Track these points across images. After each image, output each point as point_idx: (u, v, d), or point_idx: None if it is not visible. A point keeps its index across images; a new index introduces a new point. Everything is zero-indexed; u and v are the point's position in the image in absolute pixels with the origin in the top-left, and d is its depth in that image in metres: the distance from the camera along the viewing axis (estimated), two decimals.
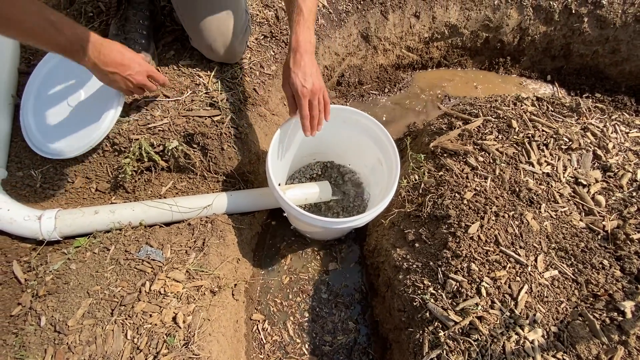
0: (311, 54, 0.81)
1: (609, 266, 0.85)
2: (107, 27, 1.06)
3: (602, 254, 0.87)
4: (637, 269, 0.83)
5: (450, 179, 0.94)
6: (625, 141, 1.10)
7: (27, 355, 0.65)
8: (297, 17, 0.79)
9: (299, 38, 0.79)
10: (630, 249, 0.87)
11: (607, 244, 0.89)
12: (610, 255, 0.87)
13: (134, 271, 0.75)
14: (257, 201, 1.03)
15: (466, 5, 1.52)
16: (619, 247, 0.88)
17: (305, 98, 0.80)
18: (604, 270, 0.84)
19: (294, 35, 0.79)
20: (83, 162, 0.95)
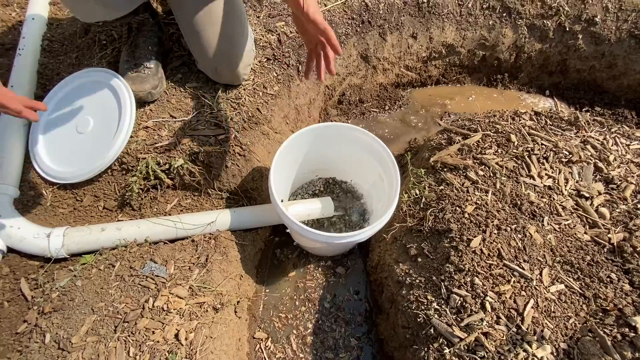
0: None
1: (617, 280, 0.83)
2: (119, 54, 1.12)
3: (609, 268, 0.85)
4: None
5: (450, 193, 0.95)
6: (627, 153, 1.11)
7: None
8: None
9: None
10: (639, 262, 0.86)
11: (614, 257, 0.88)
12: (618, 269, 0.86)
13: (138, 287, 0.76)
14: (260, 217, 1.04)
15: (462, 26, 1.57)
16: (627, 260, 0.87)
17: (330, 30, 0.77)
18: (612, 284, 0.83)
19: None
20: (92, 181, 0.98)
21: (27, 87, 1.13)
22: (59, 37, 1.29)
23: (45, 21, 1.33)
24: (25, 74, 1.14)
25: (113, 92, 1.01)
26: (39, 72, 1.18)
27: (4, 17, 1.39)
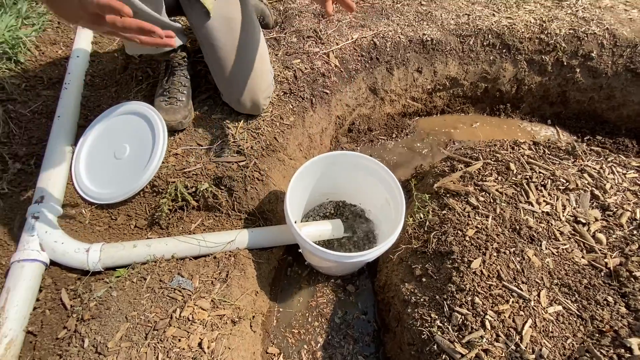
0: None
1: (613, 303, 0.88)
2: (154, 88, 1.26)
3: (606, 291, 0.90)
4: None
5: (453, 217, 1.02)
6: (623, 182, 1.16)
7: None
8: None
9: None
10: (635, 286, 0.90)
11: (611, 280, 0.93)
12: (614, 292, 0.90)
13: (167, 299, 0.84)
14: (275, 237, 1.12)
15: (464, 61, 1.69)
16: (623, 284, 0.91)
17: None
18: (609, 306, 0.87)
19: None
20: (126, 202, 1.09)
21: (71, 117, 1.27)
22: (100, 72, 1.45)
23: (88, 58, 1.49)
24: (70, 106, 1.29)
25: (148, 122, 1.14)
26: (82, 104, 1.33)
27: (51, 54, 1.56)
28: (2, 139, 1.21)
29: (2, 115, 1.25)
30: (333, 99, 1.46)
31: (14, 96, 1.33)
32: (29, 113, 1.31)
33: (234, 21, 1.08)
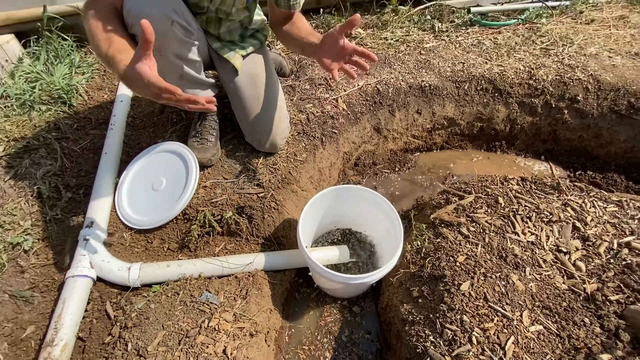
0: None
1: (589, 323, 0.98)
2: (187, 129, 1.48)
3: (583, 313, 1.00)
4: (614, 326, 0.96)
5: (445, 245, 1.15)
6: (604, 215, 1.28)
7: None
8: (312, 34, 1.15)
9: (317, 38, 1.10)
10: (609, 309, 1.00)
11: (588, 304, 1.03)
12: (591, 314, 1.00)
13: (197, 311, 0.98)
14: (288, 260, 1.27)
15: (460, 103, 1.87)
16: (599, 307, 1.01)
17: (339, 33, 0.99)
18: (585, 327, 0.97)
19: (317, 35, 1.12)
20: (160, 228, 1.26)
21: (116, 153, 1.48)
22: (140, 115, 1.69)
23: (130, 102, 1.74)
24: (115, 144, 1.50)
25: (182, 159, 1.33)
26: (125, 142, 1.55)
27: (98, 98, 1.82)
28: (57, 172, 1.42)
29: (58, 152, 1.47)
30: (341, 138, 1.65)
31: (67, 135, 1.56)
32: (79, 149, 1.53)
33: (258, 77, 1.30)
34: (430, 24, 2.22)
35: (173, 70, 1.13)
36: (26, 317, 1.06)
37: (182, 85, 1.22)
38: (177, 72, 1.15)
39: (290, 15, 1.24)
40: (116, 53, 0.84)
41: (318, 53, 1.05)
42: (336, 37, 0.99)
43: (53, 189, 1.32)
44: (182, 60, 1.11)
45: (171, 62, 1.10)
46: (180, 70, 1.13)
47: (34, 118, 1.54)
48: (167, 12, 0.97)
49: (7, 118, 1.53)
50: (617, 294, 1.04)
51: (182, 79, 1.18)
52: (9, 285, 1.09)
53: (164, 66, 1.12)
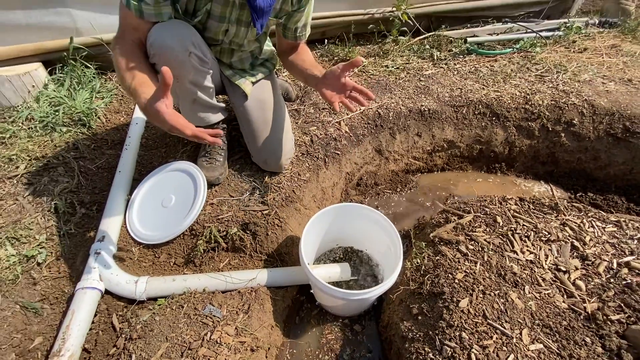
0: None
1: (591, 343, 0.97)
2: (197, 150, 1.56)
3: (584, 332, 1.00)
4: (616, 346, 0.95)
5: (445, 262, 1.17)
6: (603, 234, 1.30)
7: None
8: (315, 67, 1.25)
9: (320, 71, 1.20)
10: (611, 329, 1.00)
11: (589, 323, 1.03)
12: (592, 334, 1.00)
13: (200, 324, 1.01)
14: (290, 277, 1.29)
15: (459, 127, 1.94)
16: (600, 326, 1.01)
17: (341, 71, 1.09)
18: (587, 346, 0.97)
19: (319, 68, 1.23)
20: (167, 243, 1.30)
21: (129, 172, 1.55)
22: (153, 136, 1.78)
23: (144, 125, 1.84)
24: (128, 163, 1.58)
25: (191, 178, 1.40)
26: (138, 161, 1.63)
27: (115, 121, 1.93)
28: (73, 189, 1.49)
29: (75, 170, 1.55)
30: (343, 159, 1.71)
31: (85, 154, 1.65)
32: (94, 168, 1.61)
33: (266, 102, 1.39)
34: (429, 53, 2.34)
35: (188, 95, 1.22)
36: (35, 328, 1.10)
37: (195, 109, 1.31)
38: (191, 97, 1.24)
39: (295, 46, 1.35)
40: (138, 86, 0.95)
41: (320, 85, 1.15)
42: (339, 74, 1.09)
43: (68, 204, 1.39)
44: (197, 86, 1.21)
45: (187, 88, 1.20)
46: (194, 95, 1.22)
47: (55, 139, 1.64)
48: (185, 44, 1.07)
49: (30, 138, 1.63)
50: (618, 314, 1.04)
51: (195, 103, 1.27)
52: (21, 296, 1.13)
53: (180, 91, 1.21)
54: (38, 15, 1.84)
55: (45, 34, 1.90)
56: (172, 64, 1.07)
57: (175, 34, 1.05)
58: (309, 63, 1.30)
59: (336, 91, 1.12)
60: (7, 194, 1.39)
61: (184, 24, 1.09)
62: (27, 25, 1.85)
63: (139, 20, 1.01)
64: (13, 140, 1.61)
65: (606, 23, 2.80)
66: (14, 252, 1.21)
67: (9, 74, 1.76)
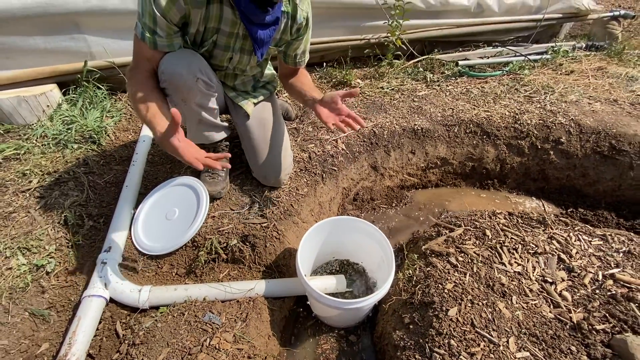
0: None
1: (576, 352, 1.01)
2: None
3: (570, 341, 1.04)
4: (601, 355, 0.99)
5: (435, 273, 1.22)
6: (589, 248, 1.35)
7: None
8: (313, 90, 1.36)
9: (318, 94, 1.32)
10: (596, 338, 1.04)
11: (575, 333, 1.06)
12: (578, 343, 1.04)
13: (200, 330, 1.05)
14: (287, 288, 1.34)
15: (451, 145, 2.03)
16: (586, 336, 1.05)
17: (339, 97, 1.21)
18: (572, 354, 1.00)
19: (315, 94, 1.33)
20: (170, 254, 1.36)
21: (135, 186, 1.63)
22: (159, 153, 1.87)
23: (151, 142, 1.93)
24: (135, 178, 1.66)
25: (194, 192, 1.47)
26: (144, 176, 1.71)
27: (123, 138, 2.02)
28: (82, 202, 1.56)
29: (85, 184, 1.63)
30: (340, 174, 1.78)
31: (94, 170, 1.73)
32: (103, 183, 1.69)
33: (267, 121, 1.48)
34: (422, 75, 2.46)
35: (194, 115, 1.32)
36: (42, 334, 1.14)
37: (201, 128, 1.40)
38: (197, 117, 1.33)
39: (296, 71, 1.46)
40: (152, 118, 1.07)
41: (317, 107, 1.27)
42: (336, 99, 1.22)
43: (77, 217, 1.46)
44: (203, 108, 1.31)
45: (193, 110, 1.29)
46: (199, 116, 1.32)
47: (66, 155, 1.73)
48: (193, 71, 1.18)
49: (43, 155, 1.72)
50: (604, 324, 1.08)
51: (201, 123, 1.36)
52: (30, 304, 1.18)
53: (188, 112, 1.31)
54: (56, 41, 1.98)
55: (61, 58, 2.03)
56: (181, 88, 1.17)
57: (184, 62, 1.15)
58: (307, 86, 1.41)
59: (332, 114, 1.23)
60: (20, 206, 1.46)
61: (192, 53, 1.20)
62: (45, 50, 1.98)
63: (153, 51, 1.11)
64: (27, 156, 1.70)
65: (593, 46, 2.94)
66: (25, 261, 1.27)
67: (26, 94, 1.87)
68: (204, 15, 1.11)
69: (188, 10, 1.06)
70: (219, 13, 1.12)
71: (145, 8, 1.01)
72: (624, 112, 2.05)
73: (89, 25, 1.99)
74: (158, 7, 1.00)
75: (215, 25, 1.15)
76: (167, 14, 1.03)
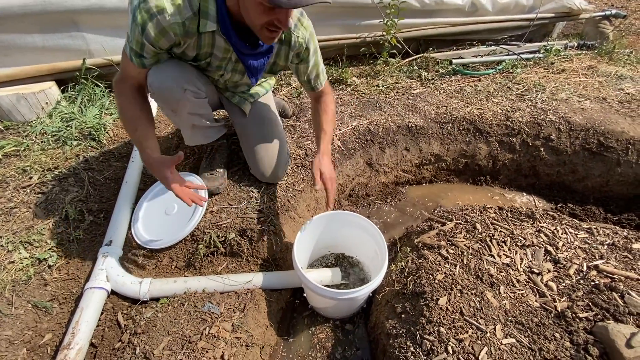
0: (328, 156, 1.34)
1: (560, 338, 1.06)
2: (199, 161, 1.67)
3: (554, 328, 1.09)
4: (583, 341, 1.04)
5: (426, 264, 1.27)
6: (575, 240, 1.40)
7: None
8: (322, 135, 1.36)
9: (322, 148, 1.34)
10: (579, 326, 1.09)
11: (559, 320, 1.11)
12: (562, 330, 1.09)
13: (199, 319, 1.09)
14: (284, 280, 1.38)
15: (444, 142, 2.07)
16: (569, 323, 1.10)
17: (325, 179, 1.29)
18: (556, 341, 1.05)
19: (321, 145, 1.34)
20: (170, 248, 1.40)
21: (134, 182, 1.66)
22: None
23: None
24: (135, 174, 1.69)
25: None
26: (143, 172, 1.73)
27: (122, 135, 2.04)
28: (82, 198, 1.59)
29: (84, 180, 1.66)
30: (336, 171, 1.82)
31: (94, 166, 1.76)
32: (102, 179, 1.72)
33: (263, 119, 1.51)
34: (417, 73, 2.50)
35: (187, 123, 1.35)
36: (45, 325, 1.17)
37: (196, 132, 1.42)
38: (189, 124, 1.36)
39: (318, 96, 1.43)
40: (142, 140, 1.14)
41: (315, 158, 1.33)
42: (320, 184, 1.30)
43: (78, 212, 1.49)
44: (194, 115, 1.33)
45: (185, 119, 1.33)
46: (192, 122, 1.35)
47: (66, 151, 1.76)
48: (180, 83, 1.18)
49: (43, 151, 1.75)
50: (587, 312, 1.13)
51: (195, 127, 1.39)
52: (32, 296, 1.21)
53: (179, 121, 1.35)
54: (54, 39, 1.99)
55: (59, 56, 2.05)
56: (169, 100, 1.20)
57: (170, 75, 1.14)
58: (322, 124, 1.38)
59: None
60: (21, 202, 1.49)
61: (178, 64, 1.17)
62: (43, 47, 2.00)
63: (140, 69, 1.12)
64: (27, 153, 1.73)
65: (584, 46, 3.00)
66: (27, 255, 1.30)
67: (25, 92, 1.89)
68: (195, 43, 1.10)
69: (178, 40, 1.05)
70: (211, 42, 1.12)
71: (134, 36, 1.00)
72: (612, 109, 2.11)
73: (88, 23, 2.01)
74: (147, 38, 0.99)
75: (208, 51, 1.15)
76: (156, 44, 1.02)
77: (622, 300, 1.13)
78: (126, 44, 1.07)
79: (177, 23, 0.98)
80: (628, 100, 2.18)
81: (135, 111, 1.15)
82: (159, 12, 0.94)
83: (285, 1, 0.84)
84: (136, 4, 0.95)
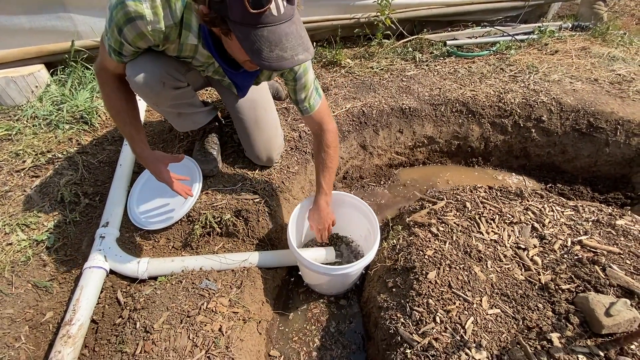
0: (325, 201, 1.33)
1: (542, 308, 1.11)
2: (192, 144, 1.68)
3: (537, 300, 1.14)
4: (565, 311, 1.09)
5: (417, 241, 1.31)
6: (561, 217, 1.44)
7: (125, 347, 1.00)
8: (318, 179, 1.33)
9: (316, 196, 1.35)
10: (561, 297, 1.14)
11: (543, 292, 1.17)
12: (545, 301, 1.14)
13: (197, 295, 1.12)
14: (279, 259, 1.41)
15: (438, 124, 2.09)
16: (552, 295, 1.15)
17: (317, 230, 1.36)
18: (539, 310, 1.10)
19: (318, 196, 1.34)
20: (167, 228, 1.42)
21: (129, 165, 1.66)
22: (151, 133, 1.89)
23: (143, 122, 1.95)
24: (129, 157, 1.69)
25: (188, 170, 1.52)
26: None
27: None
28: (77, 181, 1.60)
29: (78, 164, 1.66)
30: None
31: (87, 150, 1.76)
32: (96, 162, 1.72)
33: (256, 102, 1.51)
34: (411, 55, 2.49)
35: (171, 113, 1.35)
36: (45, 304, 1.20)
37: (183, 118, 1.41)
38: (175, 113, 1.36)
39: (313, 125, 1.30)
40: (134, 133, 1.16)
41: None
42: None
43: (73, 195, 1.50)
44: (177, 106, 1.32)
45: (168, 110, 1.32)
46: (177, 110, 1.34)
47: (58, 135, 1.75)
48: (157, 76, 1.12)
49: (35, 135, 1.74)
50: (569, 284, 1.18)
51: (181, 116, 1.39)
52: (32, 276, 1.24)
53: (164, 113, 1.35)
54: (41, 20, 1.95)
55: (47, 37, 2.00)
56: (149, 94, 1.16)
57: (147, 70, 1.09)
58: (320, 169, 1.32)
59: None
60: (15, 185, 1.49)
61: (156, 56, 1.11)
62: (31, 29, 1.96)
63: (118, 64, 1.08)
64: (19, 137, 1.72)
65: (579, 27, 2.98)
66: (25, 237, 1.31)
67: (13, 75, 1.86)
68: (176, 48, 1.06)
69: (157, 43, 1.01)
70: (194, 50, 1.08)
71: (112, 35, 0.95)
72: (603, 90, 2.13)
73: (75, 4, 1.96)
74: (124, 38, 0.95)
75: (190, 54, 1.11)
76: (134, 45, 0.98)
77: (603, 273, 1.18)
78: (105, 36, 1.02)
79: (156, 30, 0.94)
80: (619, 81, 2.20)
81: (122, 103, 1.13)
82: (137, 17, 0.90)
83: (267, 64, 0.82)
84: (114, 3, 0.89)
